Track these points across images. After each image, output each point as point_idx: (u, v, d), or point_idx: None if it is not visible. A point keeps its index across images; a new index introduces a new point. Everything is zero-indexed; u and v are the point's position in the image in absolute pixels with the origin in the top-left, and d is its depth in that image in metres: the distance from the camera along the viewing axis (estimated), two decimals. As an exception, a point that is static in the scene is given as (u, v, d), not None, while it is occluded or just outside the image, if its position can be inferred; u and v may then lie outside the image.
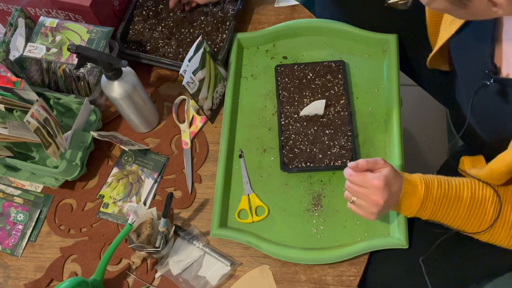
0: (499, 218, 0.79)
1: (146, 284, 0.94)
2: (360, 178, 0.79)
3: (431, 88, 1.19)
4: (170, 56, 1.10)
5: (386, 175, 0.78)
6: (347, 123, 0.99)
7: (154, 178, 1.03)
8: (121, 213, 1.01)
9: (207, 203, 1.00)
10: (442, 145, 1.64)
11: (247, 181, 0.99)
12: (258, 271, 0.93)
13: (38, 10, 1.09)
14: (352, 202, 0.82)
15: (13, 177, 1.06)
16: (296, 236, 0.93)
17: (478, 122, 0.84)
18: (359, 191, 0.79)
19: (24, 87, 0.95)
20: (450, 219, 0.81)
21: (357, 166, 0.80)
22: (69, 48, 0.89)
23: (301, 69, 1.06)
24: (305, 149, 0.98)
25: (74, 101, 1.04)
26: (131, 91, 0.96)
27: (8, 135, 0.98)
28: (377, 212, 0.79)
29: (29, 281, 0.98)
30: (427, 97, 1.24)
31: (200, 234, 0.97)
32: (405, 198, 0.80)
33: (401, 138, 0.96)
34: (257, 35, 1.11)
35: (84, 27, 1.03)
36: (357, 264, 0.91)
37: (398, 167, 0.93)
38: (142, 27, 1.13)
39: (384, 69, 1.06)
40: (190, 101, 1.09)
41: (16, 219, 1.03)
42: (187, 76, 0.97)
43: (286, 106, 1.03)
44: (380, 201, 0.77)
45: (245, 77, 1.10)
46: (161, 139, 1.07)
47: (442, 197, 0.79)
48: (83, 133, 1.01)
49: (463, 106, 0.92)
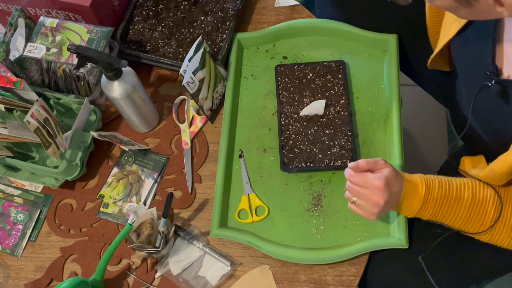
0: (500, 218, 0.79)
1: (146, 284, 0.94)
2: (361, 179, 0.79)
3: (431, 88, 1.19)
4: (170, 56, 1.10)
5: (387, 175, 0.78)
6: (347, 123, 0.99)
7: (154, 178, 1.03)
8: (121, 213, 1.01)
9: (207, 203, 1.00)
10: (442, 145, 1.64)
11: (247, 181, 0.99)
12: (258, 271, 0.93)
13: (38, 10, 1.09)
14: (353, 202, 0.82)
15: (13, 177, 1.06)
16: (296, 236, 0.93)
17: (479, 123, 0.84)
18: (359, 191, 0.79)
19: (24, 87, 0.95)
20: (450, 219, 0.81)
21: (357, 167, 0.80)
22: (69, 48, 0.89)
23: (301, 69, 1.06)
24: (305, 149, 0.98)
25: (74, 101, 1.04)
26: (131, 91, 0.96)
27: (8, 135, 0.98)
28: (377, 212, 0.79)
29: (29, 281, 0.98)
30: (427, 97, 1.24)
31: (200, 234, 0.97)
32: (405, 198, 0.80)
33: (401, 138, 0.96)
34: (257, 35, 1.11)
35: (84, 27, 1.03)
36: (357, 264, 0.91)
37: (398, 167, 0.93)
38: (142, 27, 1.13)
39: (384, 69, 1.06)
40: (190, 101, 1.09)
41: (16, 219, 1.03)
42: (187, 76, 0.97)
43: (286, 106, 1.03)
44: (381, 201, 0.77)
45: (245, 77, 1.10)
46: (161, 139, 1.07)
47: (442, 198, 0.79)
48: (83, 133, 1.01)
49: (464, 107, 0.92)
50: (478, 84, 0.77)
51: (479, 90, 0.78)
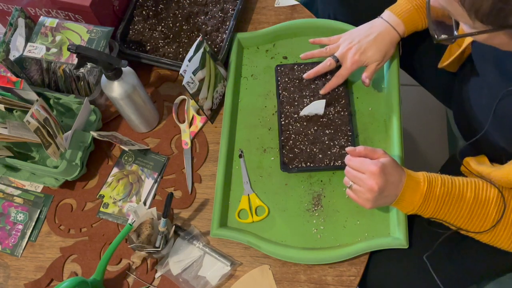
0: (501, 220, 0.79)
1: (146, 284, 0.94)
2: (358, 162, 0.80)
3: (433, 87, 1.18)
4: (170, 56, 1.10)
5: (384, 162, 0.78)
6: (347, 123, 0.99)
7: (154, 178, 1.03)
8: (121, 213, 1.01)
9: (207, 203, 1.00)
10: (442, 145, 1.64)
11: (247, 181, 0.99)
12: (258, 271, 0.93)
13: (38, 10, 1.09)
14: (350, 187, 0.82)
15: (13, 177, 1.06)
16: (296, 236, 0.93)
17: (500, 127, 0.82)
18: (355, 175, 0.80)
19: (24, 87, 0.95)
20: (452, 217, 0.81)
21: (355, 150, 0.81)
22: (69, 48, 0.89)
23: (301, 69, 1.06)
24: (305, 149, 0.98)
25: (74, 101, 1.04)
26: (131, 91, 0.96)
27: (8, 135, 0.98)
28: (372, 199, 0.79)
29: (29, 281, 0.98)
30: (427, 97, 1.24)
31: (200, 234, 0.97)
32: (407, 193, 0.80)
33: (401, 138, 0.96)
34: (257, 35, 1.11)
35: (84, 27, 1.03)
36: (357, 264, 0.91)
37: (398, 167, 0.93)
38: (142, 27, 1.13)
39: (384, 69, 1.06)
40: (190, 101, 1.09)
41: (16, 219, 1.03)
42: (187, 76, 0.97)
43: (286, 106, 1.03)
44: (375, 187, 0.77)
45: (245, 77, 1.10)
46: (161, 139, 1.07)
47: (444, 196, 0.79)
48: (83, 133, 1.01)
49: (478, 109, 0.90)
50: (501, 88, 0.77)
51: (504, 95, 0.76)
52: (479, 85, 0.89)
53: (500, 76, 0.80)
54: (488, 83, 0.85)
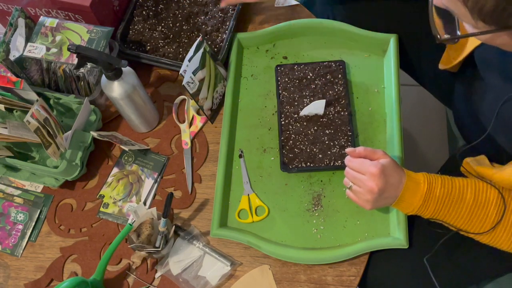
0: (501, 221, 0.78)
1: (146, 284, 0.94)
2: (358, 164, 0.80)
3: (433, 87, 1.18)
4: (170, 56, 1.10)
5: (384, 163, 0.78)
6: (347, 123, 0.99)
7: (154, 178, 1.03)
8: (121, 213, 1.01)
9: (207, 203, 1.00)
10: (442, 145, 1.64)
11: (247, 181, 0.99)
12: (258, 271, 0.93)
13: (38, 10, 1.09)
14: (350, 188, 0.82)
15: (13, 177, 1.06)
16: (296, 236, 0.93)
17: (502, 130, 0.82)
18: (355, 176, 0.80)
19: (24, 87, 0.95)
20: (452, 218, 0.81)
21: (355, 151, 0.81)
22: (69, 48, 0.89)
23: (301, 69, 1.06)
24: (305, 149, 0.98)
25: (74, 101, 1.04)
26: (131, 91, 0.96)
27: (8, 135, 0.98)
28: (372, 200, 0.79)
29: (29, 281, 0.98)
30: (427, 97, 1.24)
31: (200, 234, 0.97)
32: (406, 194, 0.80)
33: (401, 138, 0.96)
34: (257, 35, 1.11)
35: (84, 27, 1.03)
36: (357, 264, 0.91)
37: (398, 167, 0.93)
38: (142, 27, 1.13)
39: (384, 69, 1.06)
40: (190, 101, 1.09)
41: (16, 219, 1.03)
42: (187, 76, 0.97)
43: (286, 106, 1.03)
44: (375, 188, 0.77)
45: (245, 77, 1.10)
46: (161, 139, 1.07)
47: (444, 197, 0.79)
48: (83, 133, 1.01)
49: (479, 111, 0.90)
50: (505, 90, 0.76)
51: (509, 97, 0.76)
52: (482, 87, 0.89)
53: (503, 79, 0.79)
54: (491, 86, 0.85)
